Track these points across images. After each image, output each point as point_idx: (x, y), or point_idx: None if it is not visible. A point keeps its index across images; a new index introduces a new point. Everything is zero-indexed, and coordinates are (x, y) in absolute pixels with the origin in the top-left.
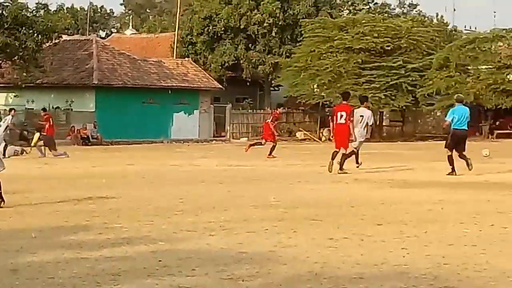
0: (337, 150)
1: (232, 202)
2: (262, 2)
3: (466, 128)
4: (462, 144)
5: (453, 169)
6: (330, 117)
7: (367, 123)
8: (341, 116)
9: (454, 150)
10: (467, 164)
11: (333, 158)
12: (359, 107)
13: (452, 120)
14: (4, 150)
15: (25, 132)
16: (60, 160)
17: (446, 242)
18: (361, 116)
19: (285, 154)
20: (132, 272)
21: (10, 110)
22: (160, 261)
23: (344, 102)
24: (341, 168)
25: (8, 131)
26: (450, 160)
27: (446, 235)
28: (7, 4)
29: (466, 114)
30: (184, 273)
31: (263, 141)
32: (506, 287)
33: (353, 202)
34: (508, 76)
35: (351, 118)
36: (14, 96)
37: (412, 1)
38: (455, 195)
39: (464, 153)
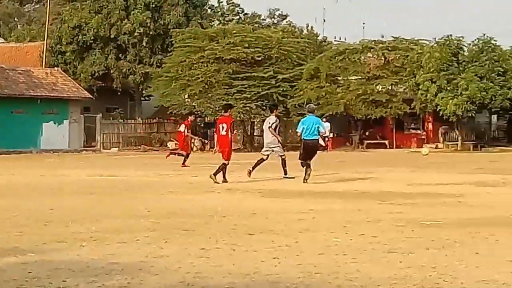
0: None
1: (103, 212)
2: (132, 12)
3: (316, 138)
4: (313, 154)
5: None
6: (215, 128)
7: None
8: (223, 128)
9: (307, 160)
10: (306, 175)
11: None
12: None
13: (302, 131)
14: None
15: None
16: None
17: (317, 251)
18: (268, 123)
19: (157, 164)
20: (2, 284)
21: None
22: (30, 272)
23: (226, 114)
24: (214, 175)
25: None
26: (303, 163)
27: (317, 244)
28: None
29: (316, 124)
30: (55, 284)
31: (182, 151)
32: None
33: (225, 212)
34: (377, 87)
35: (233, 130)
36: None
37: (282, 11)
38: (326, 204)
39: (309, 162)
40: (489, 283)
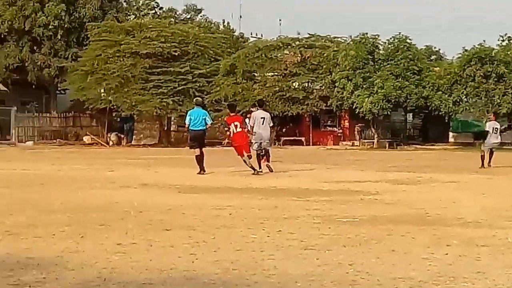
0: (241, 156)
1: (18, 206)
2: (47, 5)
3: (203, 129)
4: (201, 142)
5: (201, 168)
6: (225, 129)
7: (269, 124)
8: (236, 126)
9: (196, 148)
10: (201, 170)
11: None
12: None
13: (189, 122)
14: None
15: None
16: None
17: (235, 247)
18: (262, 118)
19: (72, 158)
20: None
21: None
22: None
23: (232, 114)
24: (255, 169)
25: None
26: (197, 159)
27: (234, 240)
28: None
29: (201, 116)
30: None
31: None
32: None
33: (142, 207)
34: (294, 84)
35: (246, 126)
36: None
37: (197, 6)
38: (244, 200)
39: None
40: (405, 280)
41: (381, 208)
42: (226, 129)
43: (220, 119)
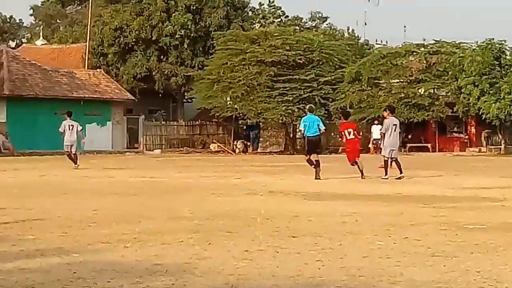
0: (351, 162)
1: (147, 214)
2: (173, 14)
3: (318, 134)
4: (316, 148)
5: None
6: (339, 134)
7: (399, 131)
8: (349, 132)
9: (312, 154)
10: (317, 174)
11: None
12: (382, 118)
13: (304, 128)
14: None
15: None
16: None
17: (361, 254)
18: (394, 125)
19: (199, 166)
20: (47, 284)
21: None
22: (74, 273)
23: (346, 120)
24: (363, 175)
25: None
26: (310, 161)
27: (360, 247)
28: None
29: (316, 122)
30: (100, 285)
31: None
32: None
33: (268, 214)
34: (419, 90)
35: (359, 133)
36: None
37: (322, 14)
38: (369, 207)
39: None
40: None
41: (509, 215)
42: (339, 136)
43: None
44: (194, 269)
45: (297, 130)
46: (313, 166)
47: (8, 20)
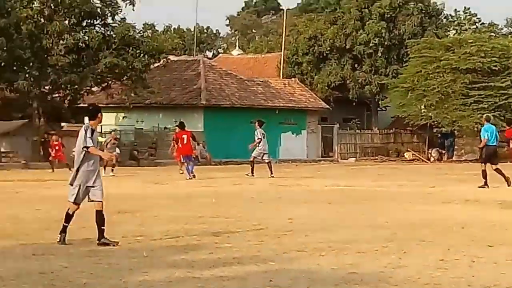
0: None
1: (341, 222)
2: (367, 22)
3: (497, 144)
4: (494, 158)
5: (485, 182)
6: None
7: None
8: None
9: (489, 164)
10: (505, 179)
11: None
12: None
13: (487, 137)
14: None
15: (135, 152)
16: (170, 179)
17: None
18: None
19: (393, 175)
20: None
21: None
22: (271, 281)
23: (508, 127)
24: None
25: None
26: (484, 174)
27: None
28: (115, 24)
29: (495, 132)
30: None
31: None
32: None
33: (464, 223)
34: None
35: None
36: (123, 117)
37: None
38: None
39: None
40: None
41: None
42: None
43: None
44: (389, 278)
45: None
46: (485, 178)
47: (205, 31)
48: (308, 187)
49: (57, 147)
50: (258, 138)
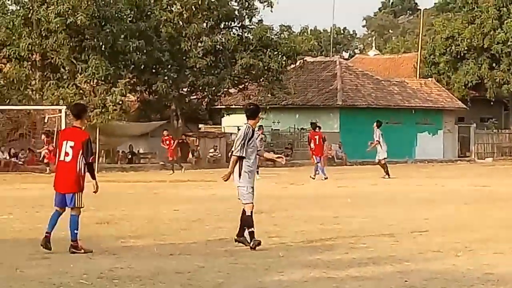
0: None
1: (478, 222)
2: (505, 21)
3: None
4: None
5: None
6: None
7: None
8: None
9: None
10: None
11: None
12: None
13: None
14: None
15: (272, 152)
16: (306, 179)
17: None
18: None
19: None
20: None
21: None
22: (406, 281)
23: None
24: None
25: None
26: None
27: None
28: (253, 26)
29: None
30: None
31: None
32: None
33: None
34: None
35: None
36: (260, 118)
37: None
38: None
39: None
40: None
41: None
42: None
43: None
44: None
45: None
46: None
47: (342, 32)
48: (444, 187)
49: (167, 142)
50: (377, 140)
